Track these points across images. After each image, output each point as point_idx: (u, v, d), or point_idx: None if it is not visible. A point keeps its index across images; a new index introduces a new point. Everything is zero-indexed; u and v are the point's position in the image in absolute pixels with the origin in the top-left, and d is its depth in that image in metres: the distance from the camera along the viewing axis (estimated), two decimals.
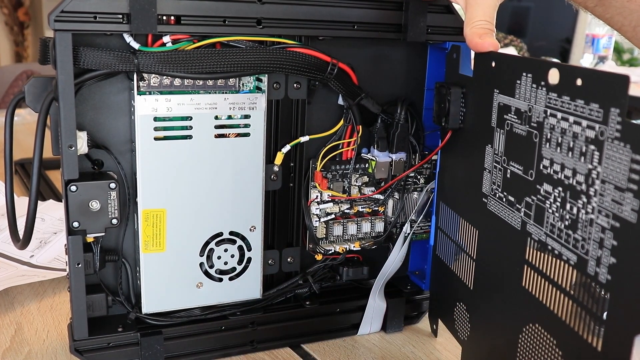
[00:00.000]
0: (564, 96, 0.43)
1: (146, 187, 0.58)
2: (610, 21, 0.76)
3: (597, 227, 0.41)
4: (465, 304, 0.61)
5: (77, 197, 0.55)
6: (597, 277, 0.41)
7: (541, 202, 0.47)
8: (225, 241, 0.63)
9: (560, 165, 0.45)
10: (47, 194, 1.04)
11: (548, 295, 0.47)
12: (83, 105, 0.57)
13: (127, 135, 0.59)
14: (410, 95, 0.68)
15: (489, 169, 0.55)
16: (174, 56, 0.54)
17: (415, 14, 0.61)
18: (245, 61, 0.57)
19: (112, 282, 0.62)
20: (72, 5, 0.50)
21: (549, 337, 0.47)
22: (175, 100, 0.57)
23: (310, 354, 0.66)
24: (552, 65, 0.45)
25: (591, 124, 0.41)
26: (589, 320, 0.42)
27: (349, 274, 0.69)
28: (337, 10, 0.59)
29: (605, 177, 0.40)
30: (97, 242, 0.58)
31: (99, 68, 0.53)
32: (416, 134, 0.68)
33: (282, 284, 0.68)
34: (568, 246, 0.44)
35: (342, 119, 0.65)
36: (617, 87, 0.38)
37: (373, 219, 0.69)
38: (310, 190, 0.66)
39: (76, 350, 0.59)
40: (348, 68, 0.62)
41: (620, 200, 0.39)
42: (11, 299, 0.75)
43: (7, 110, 0.56)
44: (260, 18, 0.57)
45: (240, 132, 0.60)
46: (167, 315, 0.63)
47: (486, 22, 0.54)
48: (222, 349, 0.65)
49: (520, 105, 0.49)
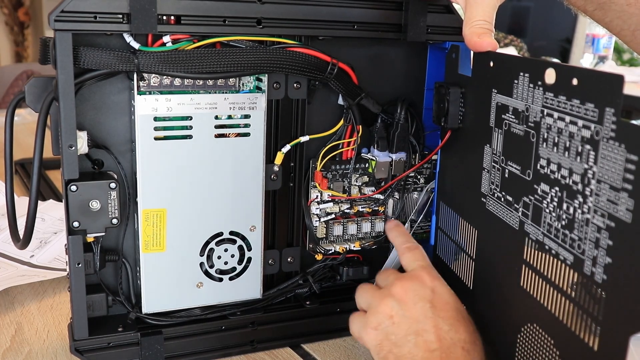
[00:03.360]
0: (560, 96, 0.44)
1: (146, 187, 0.58)
2: (609, 25, 0.76)
3: (593, 226, 0.41)
4: (465, 304, 0.60)
5: (77, 197, 0.56)
6: (593, 277, 0.41)
7: (538, 201, 0.47)
8: (226, 241, 0.63)
9: (556, 165, 0.45)
10: (47, 194, 1.04)
11: (545, 295, 0.47)
12: (83, 105, 0.57)
13: (127, 135, 0.59)
14: (410, 95, 0.68)
15: (487, 168, 0.55)
16: (174, 56, 0.55)
17: (415, 14, 0.62)
18: (245, 61, 0.57)
19: (112, 282, 0.63)
20: (72, 5, 0.51)
21: (547, 337, 0.47)
22: (175, 100, 0.57)
23: (310, 353, 0.66)
24: (549, 65, 0.45)
25: (587, 123, 0.41)
26: (586, 320, 0.42)
27: (349, 274, 0.69)
28: (337, 10, 0.60)
29: (601, 176, 0.40)
30: (97, 242, 0.58)
31: (99, 68, 0.54)
32: (416, 134, 0.68)
33: (282, 283, 0.68)
34: (565, 246, 0.45)
35: (342, 119, 0.66)
36: (612, 87, 0.38)
37: (373, 218, 0.69)
38: (311, 190, 0.66)
39: (76, 350, 0.59)
40: (348, 68, 0.63)
41: (616, 200, 0.39)
42: (11, 299, 0.75)
43: (7, 110, 0.56)
44: (260, 18, 0.57)
45: (240, 132, 0.60)
46: (167, 315, 0.63)
47: (485, 22, 0.55)
48: (222, 348, 0.65)
49: (518, 105, 0.49)
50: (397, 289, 0.55)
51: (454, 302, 0.55)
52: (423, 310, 0.53)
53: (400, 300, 0.54)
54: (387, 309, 0.54)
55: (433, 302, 0.54)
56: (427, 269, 0.57)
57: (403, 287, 0.55)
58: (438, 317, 0.53)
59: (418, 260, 0.59)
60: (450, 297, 0.55)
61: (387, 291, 0.56)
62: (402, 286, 0.55)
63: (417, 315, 0.53)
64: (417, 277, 0.56)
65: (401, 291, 0.55)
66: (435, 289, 0.55)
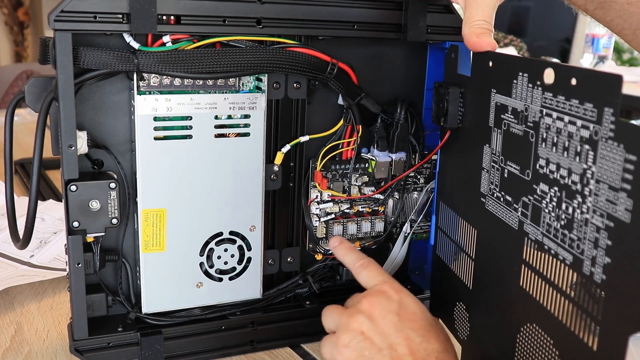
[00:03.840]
0: (559, 96, 0.44)
1: (146, 187, 0.58)
2: (610, 24, 0.76)
3: (592, 226, 0.41)
4: (465, 304, 0.61)
5: (77, 197, 0.56)
6: (593, 277, 0.41)
7: (538, 201, 0.47)
8: (225, 241, 0.63)
9: (555, 165, 0.45)
10: (47, 194, 1.04)
11: (545, 295, 0.47)
12: (83, 105, 0.57)
13: (127, 135, 0.60)
14: (410, 95, 0.68)
15: (486, 168, 0.55)
16: (173, 56, 0.55)
17: (415, 14, 0.62)
18: (245, 61, 0.57)
19: (112, 282, 0.63)
20: (72, 5, 0.51)
21: (546, 337, 0.47)
22: (175, 100, 0.57)
23: (310, 353, 0.67)
24: (548, 65, 0.45)
25: (585, 123, 0.41)
26: (585, 320, 0.42)
27: (349, 274, 0.69)
28: (337, 10, 0.60)
29: (600, 176, 0.40)
30: (97, 241, 0.59)
31: (99, 68, 0.54)
32: (416, 134, 0.68)
33: (282, 283, 0.68)
34: (564, 246, 0.45)
35: (342, 119, 0.66)
36: (610, 86, 0.38)
37: (373, 218, 0.69)
38: (310, 190, 0.66)
39: (76, 350, 0.59)
40: (348, 68, 0.63)
41: (614, 200, 0.39)
42: (11, 298, 0.75)
43: (7, 110, 0.56)
44: (260, 18, 0.57)
45: (240, 132, 0.60)
46: (167, 315, 0.63)
47: (484, 22, 0.55)
48: (222, 348, 0.65)
49: (517, 105, 0.49)
50: (365, 305, 0.54)
51: (421, 312, 0.54)
52: (392, 323, 0.53)
53: (369, 316, 0.53)
54: (357, 325, 0.53)
55: (400, 314, 0.53)
56: (390, 282, 0.57)
57: (370, 302, 0.54)
58: (408, 328, 0.52)
59: (378, 275, 0.58)
60: (417, 308, 0.54)
61: (354, 309, 0.55)
62: (368, 302, 0.54)
63: (388, 329, 0.52)
64: (382, 292, 0.55)
65: (369, 306, 0.54)
66: (402, 300, 0.55)
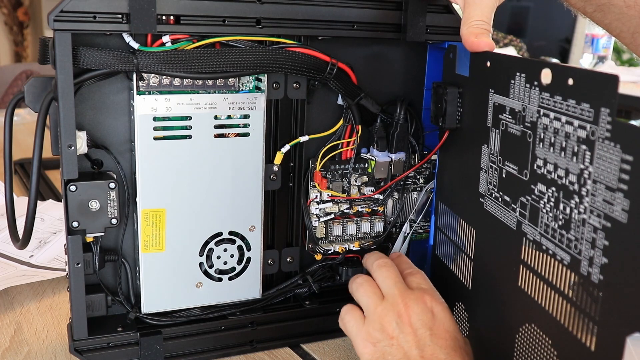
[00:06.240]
0: (556, 96, 0.44)
1: (146, 187, 0.58)
2: (608, 27, 0.76)
3: (589, 227, 0.41)
4: (464, 304, 0.61)
5: (77, 197, 0.56)
6: (590, 277, 0.41)
7: (535, 202, 0.47)
8: (225, 241, 0.63)
9: (553, 165, 0.45)
10: (46, 194, 1.04)
11: (543, 295, 0.47)
12: (83, 105, 0.57)
13: (126, 135, 0.60)
14: (409, 95, 0.68)
15: (485, 168, 0.55)
16: (173, 56, 0.55)
17: (415, 14, 0.62)
18: (244, 61, 0.57)
19: (111, 282, 0.63)
20: (72, 5, 0.51)
21: (544, 337, 0.47)
22: (174, 100, 0.57)
23: (309, 354, 0.67)
24: (545, 65, 0.45)
25: (582, 123, 0.41)
26: (583, 320, 0.43)
27: (348, 274, 0.69)
28: (336, 10, 0.60)
29: (597, 177, 0.40)
30: (96, 242, 0.59)
31: (99, 68, 0.54)
32: (415, 134, 0.68)
33: (281, 283, 0.68)
34: (562, 246, 0.45)
35: (342, 119, 0.66)
36: (607, 87, 0.38)
37: (372, 218, 0.69)
38: (310, 190, 0.66)
39: (76, 350, 0.60)
40: (347, 68, 0.63)
41: (611, 200, 0.39)
42: (11, 299, 0.75)
43: (7, 110, 0.56)
44: (259, 18, 0.57)
45: (239, 132, 0.60)
46: (166, 315, 0.63)
47: (483, 22, 0.55)
48: (221, 348, 0.65)
49: (515, 105, 0.49)
50: (401, 308, 0.55)
51: (453, 331, 0.54)
52: (423, 337, 0.53)
53: (402, 323, 0.54)
54: (390, 328, 0.54)
55: (433, 329, 0.54)
56: (430, 292, 0.57)
57: (407, 306, 0.55)
58: (436, 345, 0.53)
59: (421, 283, 0.59)
60: (450, 325, 0.55)
61: (390, 306, 0.55)
62: (405, 305, 0.55)
63: (417, 342, 0.53)
64: (422, 301, 0.56)
65: (404, 312, 0.54)
66: (437, 314, 0.55)
